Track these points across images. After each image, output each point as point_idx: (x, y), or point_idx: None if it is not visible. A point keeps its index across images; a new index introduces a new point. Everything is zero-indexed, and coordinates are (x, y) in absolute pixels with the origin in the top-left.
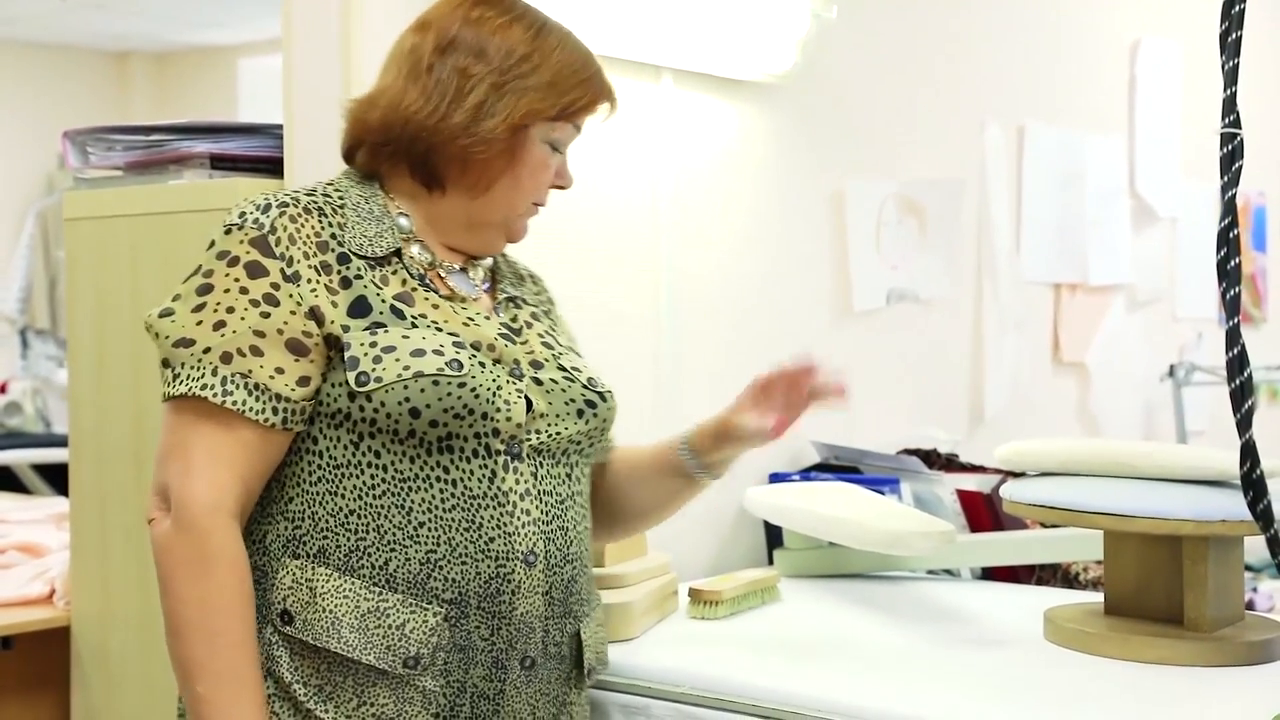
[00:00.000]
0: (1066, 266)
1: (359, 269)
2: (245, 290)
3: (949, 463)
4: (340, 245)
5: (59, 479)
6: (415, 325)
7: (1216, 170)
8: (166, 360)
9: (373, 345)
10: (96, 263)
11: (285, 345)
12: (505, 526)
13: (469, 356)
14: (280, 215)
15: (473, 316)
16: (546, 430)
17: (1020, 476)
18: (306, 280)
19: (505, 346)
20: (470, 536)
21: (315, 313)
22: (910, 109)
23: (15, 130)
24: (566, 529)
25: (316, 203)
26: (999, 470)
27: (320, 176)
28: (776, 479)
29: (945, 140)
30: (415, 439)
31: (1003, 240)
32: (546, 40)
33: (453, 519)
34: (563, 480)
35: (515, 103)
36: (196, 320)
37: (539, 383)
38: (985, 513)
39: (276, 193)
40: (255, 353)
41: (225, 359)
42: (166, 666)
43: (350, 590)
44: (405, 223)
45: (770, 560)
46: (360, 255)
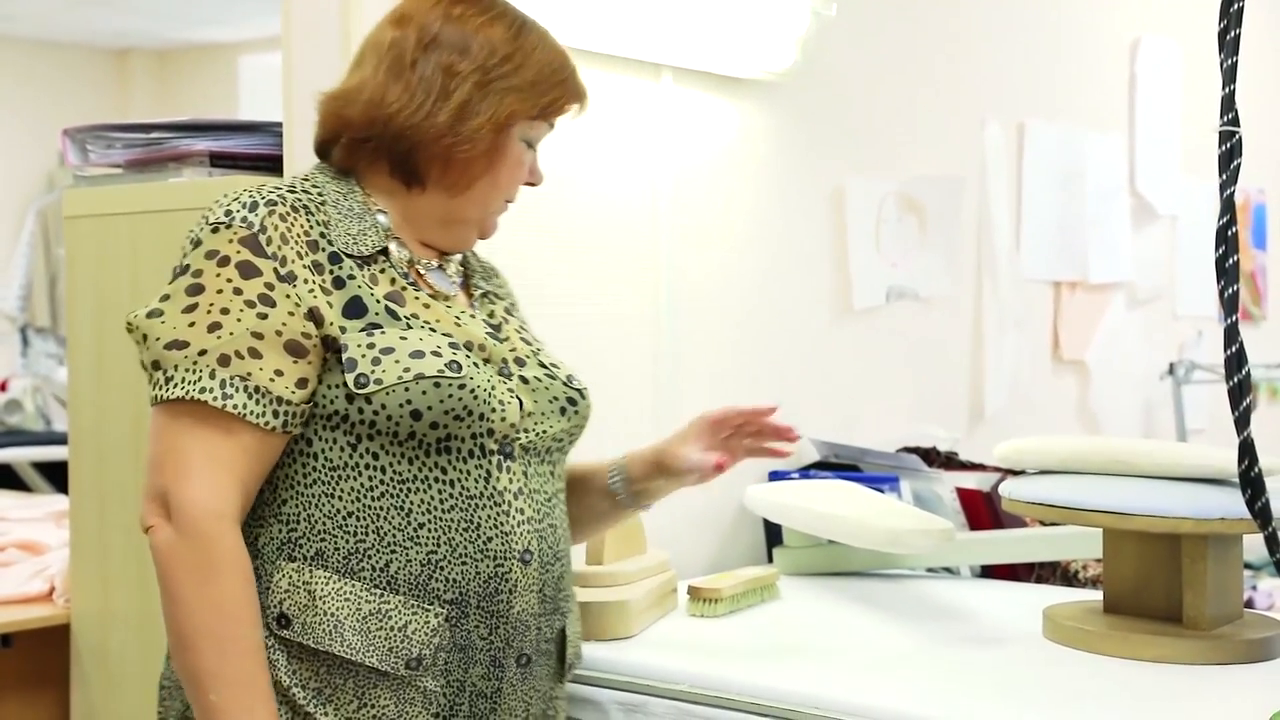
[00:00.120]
0: (1066, 264)
1: (350, 269)
2: (239, 291)
3: (948, 461)
4: (330, 244)
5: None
6: (410, 326)
7: (1216, 168)
8: (157, 362)
9: (370, 347)
10: (96, 261)
11: (284, 347)
12: (502, 526)
13: (465, 357)
14: (270, 214)
15: (459, 315)
16: (534, 429)
17: (1019, 474)
18: (303, 280)
19: (494, 345)
20: (469, 536)
21: (314, 314)
22: (910, 107)
23: (15, 128)
24: (555, 526)
25: (301, 200)
26: (998, 468)
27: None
28: (776, 477)
29: (945, 138)
30: (414, 440)
31: (1003, 238)
32: (528, 39)
33: (452, 519)
34: (548, 478)
35: (499, 102)
36: (189, 322)
37: (525, 381)
38: (985, 511)
39: (258, 189)
40: (254, 355)
41: (223, 361)
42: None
43: (351, 592)
44: (384, 220)
45: (770, 558)
46: (349, 254)
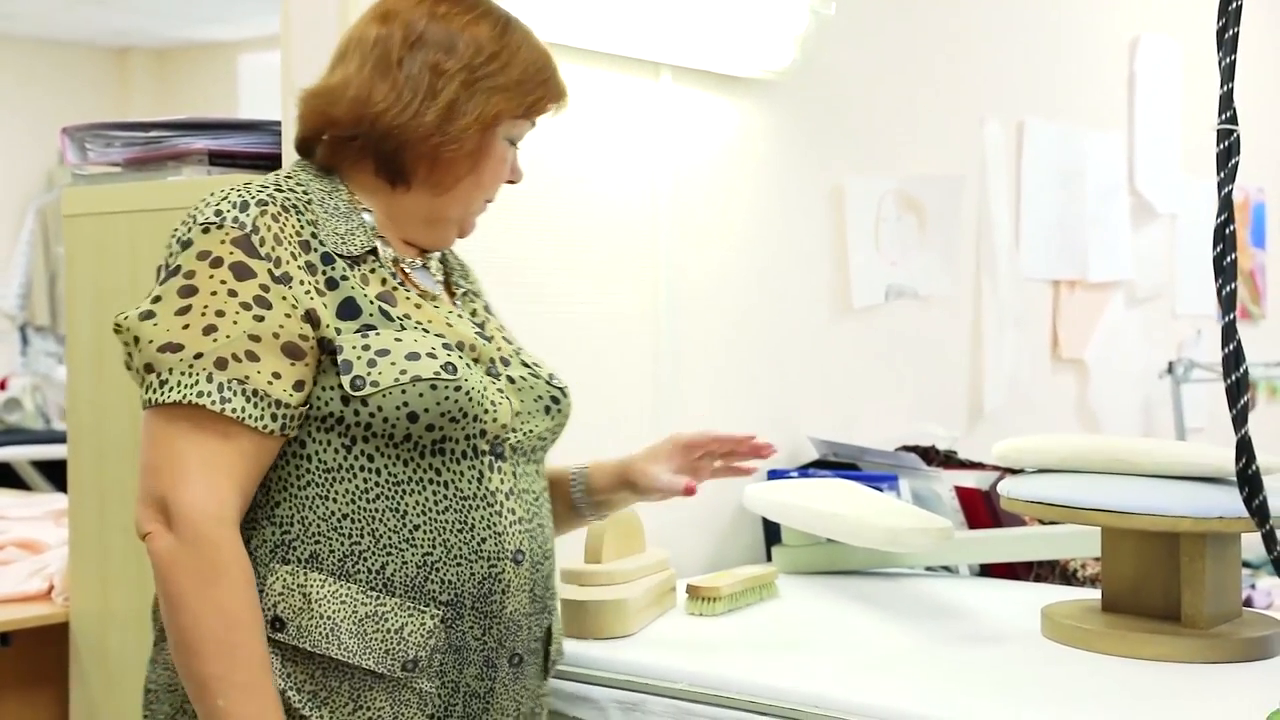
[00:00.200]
0: (1066, 263)
1: (343, 270)
2: (234, 293)
3: (947, 459)
4: (322, 245)
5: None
6: (404, 327)
7: (1214, 166)
8: (150, 365)
9: (365, 348)
10: (96, 259)
11: (281, 349)
12: (495, 526)
13: (458, 359)
14: (261, 214)
15: (448, 315)
16: (522, 428)
17: (1018, 473)
18: (299, 282)
19: (483, 345)
20: (464, 538)
21: (311, 315)
22: (909, 105)
23: (15, 126)
24: (543, 525)
25: (291, 200)
26: (997, 467)
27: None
28: (775, 475)
29: (945, 136)
30: (410, 443)
31: (1002, 237)
32: (512, 37)
33: (447, 521)
34: (534, 477)
35: (486, 101)
36: (183, 324)
37: (511, 380)
38: (983, 509)
39: (244, 189)
40: (251, 358)
41: (220, 365)
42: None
43: (347, 595)
44: (369, 219)
45: (768, 557)
46: (339, 255)
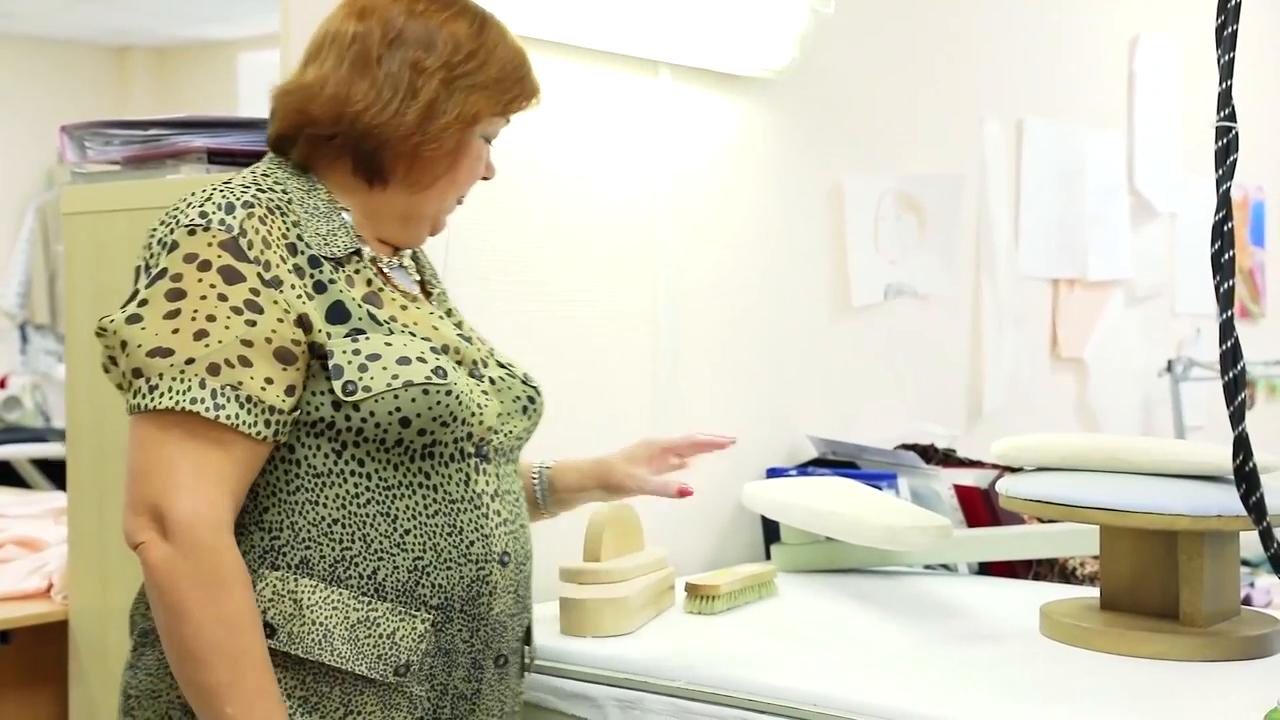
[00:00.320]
0: (1065, 262)
1: (329, 273)
2: (224, 297)
3: (946, 458)
4: (308, 247)
5: (58, 474)
6: (392, 331)
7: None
8: (139, 370)
9: (356, 353)
10: (95, 258)
11: (273, 354)
12: (482, 529)
13: (447, 362)
14: (248, 217)
15: (430, 317)
16: (503, 429)
17: (1017, 471)
18: (289, 286)
19: (466, 347)
20: (453, 541)
21: (303, 320)
22: (909, 104)
23: (15, 125)
24: (524, 526)
25: (275, 201)
26: (996, 465)
27: None
28: (774, 474)
29: (944, 135)
30: (401, 447)
31: (1001, 236)
32: (489, 35)
33: (436, 524)
34: (513, 478)
35: (465, 100)
36: (172, 328)
37: (492, 382)
38: (982, 508)
39: (226, 189)
40: (244, 363)
41: (213, 370)
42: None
43: (339, 601)
44: (348, 218)
45: (767, 555)
46: (325, 257)
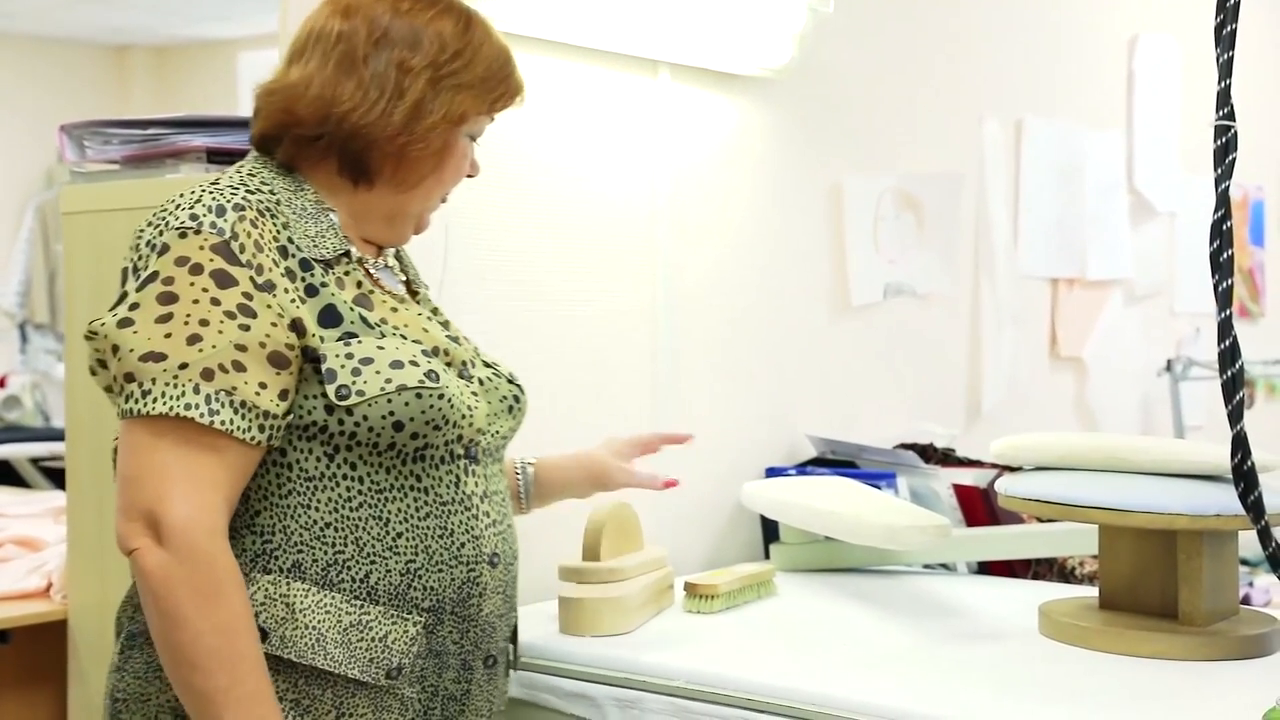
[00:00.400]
0: (1064, 261)
1: (320, 276)
2: (217, 301)
3: (945, 457)
4: (299, 250)
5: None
6: (384, 334)
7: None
8: (131, 375)
9: (349, 357)
10: (94, 257)
11: (267, 359)
12: (473, 530)
13: (438, 365)
14: (240, 220)
15: (420, 319)
16: (490, 430)
17: (1016, 471)
18: (282, 289)
19: (455, 349)
20: (444, 543)
21: (297, 324)
22: (908, 103)
23: (15, 124)
24: (511, 526)
25: (264, 203)
26: (995, 465)
27: None
28: (773, 473)
29: (943, 135)
30: (393, 450)
31: (1000, 235)
32: (475, 33)
33: (428, 527)
34: (499, 478)
35: (451, 100)
36: (165, 333)
37: (481, 383)
38: (981, 507)
39: (216, 191)
40: (238, 368)
41: (206, 376)
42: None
43: (331, 605)
44: (335, 219)
45: (766, 554)
46: (315, 259)
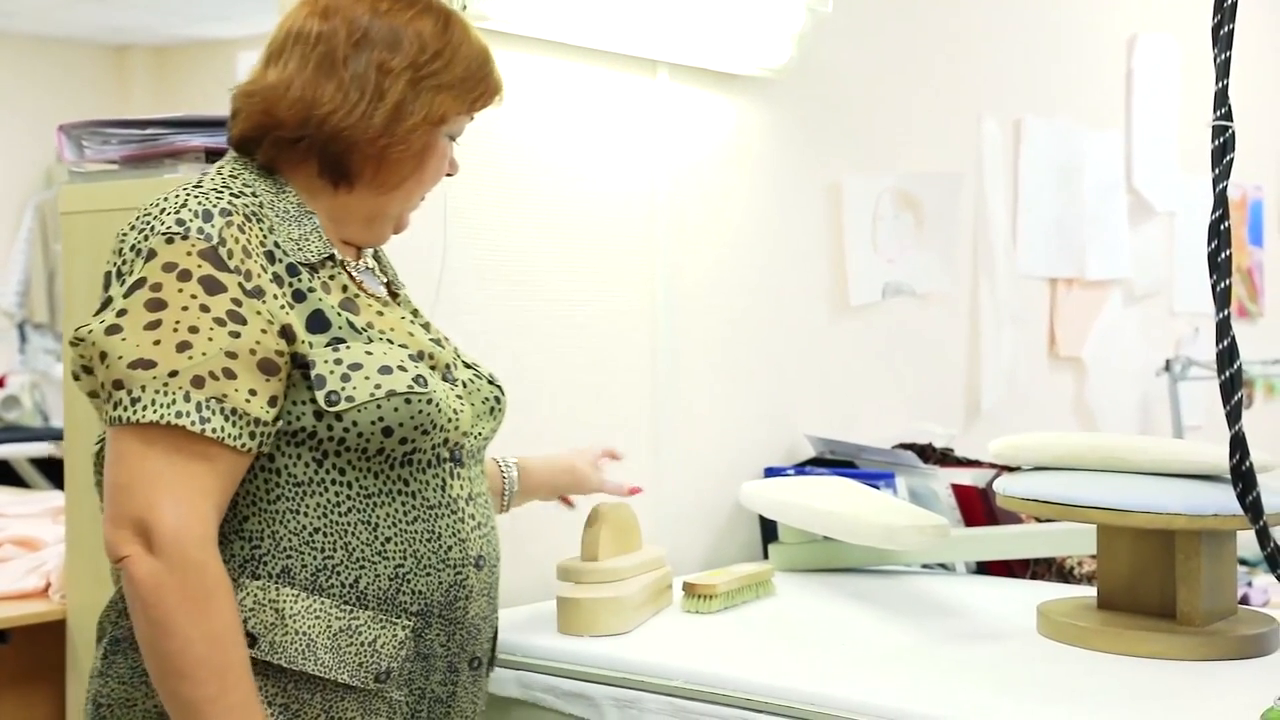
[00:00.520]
0: (1063, 261)
1: (307, 280)
2: (206, 308)
3: (944, 457)
4: (285, 255)
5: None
6: (371, 339)
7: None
8: (120, 382)
9: (338, 363)
10: (93, 257)
11: (257, 366)
12: (459, 533)
13: (425, 369)
14: (227, 225)
15: (404, 323)
16: (473, 432)
17: (1014, 471)
18: (271, 296)
19: (439, 352)
20: (432, 547)
21: (286, 331)
22: (907, 103)
23: (14, 124)
24: (494, 528)
25: (249, 207)
26: (994, 464)
27: None
28: (772, 473)
29: (942, 134)
30: (382, 455)
31: (999, 235)
32: (454, 33)
33: (416, 531)
34: (481, 479)
35: (432, 101)
36: (153, 340)
37: (464, 385)
38: (980, 507)
39: (201, 195)
40: (228, 375)
41: (197, 383)
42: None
43: (321, 610)
44: (318, 221)
45: (765, 554)
46: (300, 264)
